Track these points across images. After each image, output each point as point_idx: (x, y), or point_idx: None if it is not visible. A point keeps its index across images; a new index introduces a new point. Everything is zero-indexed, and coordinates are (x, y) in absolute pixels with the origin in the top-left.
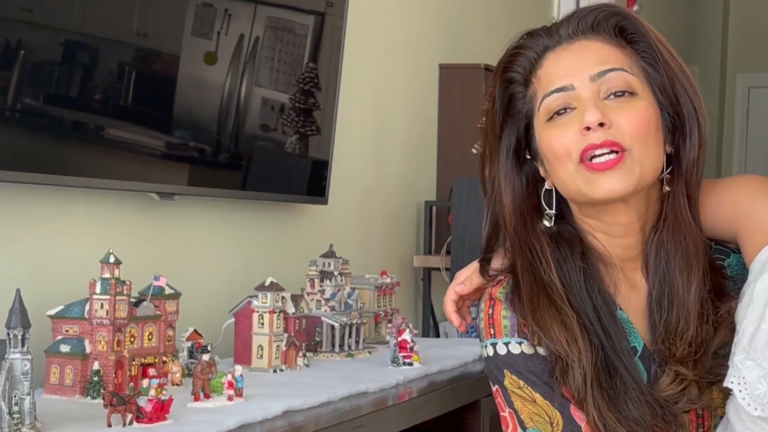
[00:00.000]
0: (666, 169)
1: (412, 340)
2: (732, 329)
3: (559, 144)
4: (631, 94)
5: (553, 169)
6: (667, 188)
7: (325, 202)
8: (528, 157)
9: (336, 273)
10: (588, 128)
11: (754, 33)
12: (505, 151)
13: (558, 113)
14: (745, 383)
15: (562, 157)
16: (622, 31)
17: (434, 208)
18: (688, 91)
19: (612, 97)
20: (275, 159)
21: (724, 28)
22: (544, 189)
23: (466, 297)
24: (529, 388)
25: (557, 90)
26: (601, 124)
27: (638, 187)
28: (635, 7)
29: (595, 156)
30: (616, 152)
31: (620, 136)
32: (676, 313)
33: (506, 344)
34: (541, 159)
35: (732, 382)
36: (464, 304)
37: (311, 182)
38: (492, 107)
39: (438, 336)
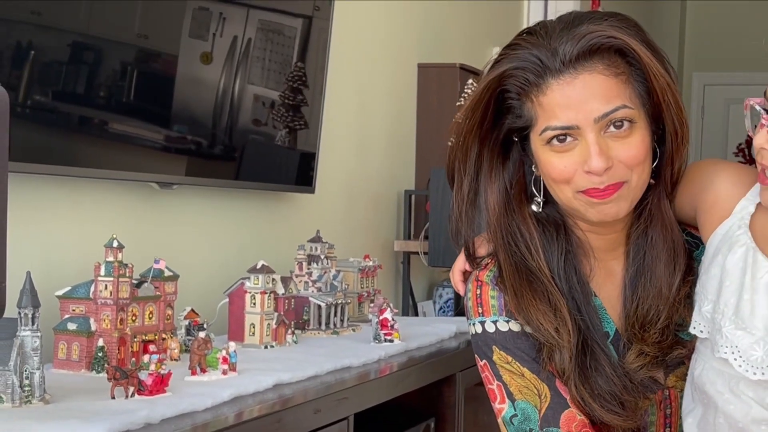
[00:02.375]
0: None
1: (393, 319)
2: (688, 307)
3: (560, 174)
4: (630, 123)
5: (550, 185)
6: (651, 181)
7: (313, 191)
8: (515, 139)
9: (322, 256)
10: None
11: (708, 35)
12: (492, 145)
13: (558, 138)
14: (739, 352)
15: (561, 183)
16: (622, 54)
17: (413, 197)
18: (672, 107)
19: (612, 128)
20: (266, 151)
21: (681, 30)
22: (533, 176)
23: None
24: (517, 363)
25: (563, 128)
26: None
27: (631, 208)
28: (599, 8)
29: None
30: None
31: (620, 173)
32: (651, 302)
33: (494, 322)
34: (535, 162)
35: (725, 353)
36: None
37: (299, 173)
38: (479, 109)
39: (417, 315)
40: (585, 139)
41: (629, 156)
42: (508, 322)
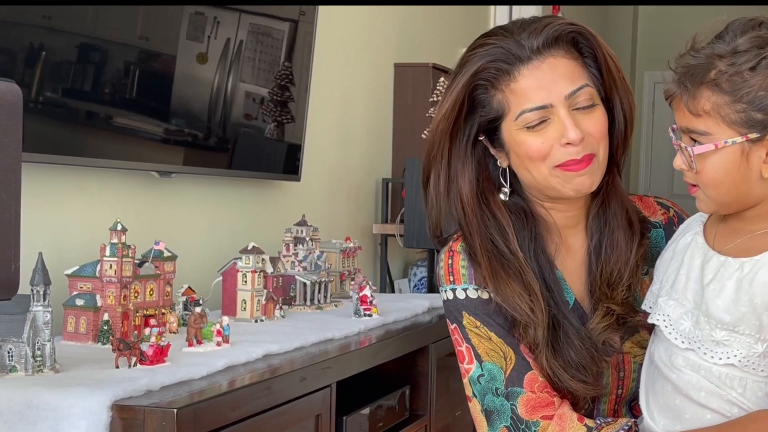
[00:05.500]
0: None
1: (372, 295)
2: (642, 283)
3: (538, 151)
4: (592, 105)
5: (524, 165)
6: None
7: (299, 179)
8: (480, 137)
9: (307, 239)
10: (569, 143)
11: (659, 36)
12: (464, 141)
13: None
14: (669, 320)
15: (537, 160)
16: (576, 44)
17: (390, 184)
18: (621, 92)
19: (579, 108)
20: (256, 143)
21: (634, 31)
22: (501, 169)
23: None
24: (485, 327)
25: (538, 108)
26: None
27: (599, 182)
28: (559, 14)
29: (572, 163)
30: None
31: (591, 145)
32: (613, 265)
33: (464, 290)
34: (507, 151)
35: (657, 320)
36: None
37: (287, 162)
38: (453, 108)
39: (393, 292)
40: (557, 116)
41: (597, 128)
42: (477, 290)
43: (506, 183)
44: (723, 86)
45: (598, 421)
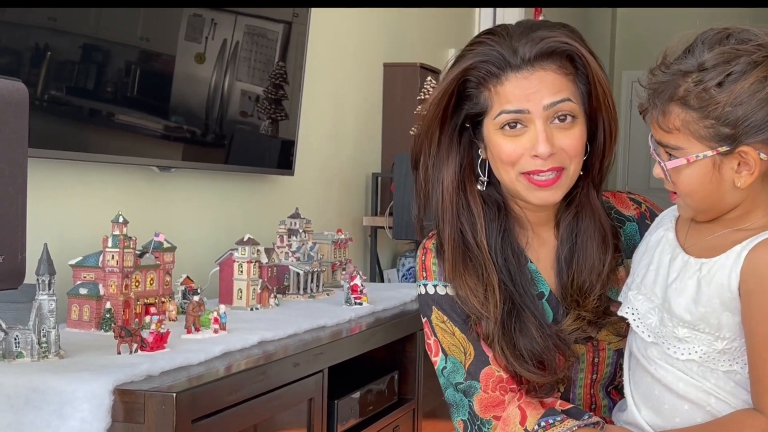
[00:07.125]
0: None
1: (362, 285)
2: (617, 277)
3: (508, 156)
4: (573, 117)
5: (496, 167)
6: (581, 172)
7: (292, 174)
8: (467, 125)
9: (300, 230)
10: (536, 155)
11: (636, 37)
12: (449, 131)
13: (510, 125)
14: (638, 314)
15: (507, 164)
16: (571, 59)
17: (380, 179)
18: (610, 109)
19: (557, 120)
20: (252, 139)
21: (612, 32)
22: (480, 159)
23: None
24: (450, 323)
25: (516, 111)
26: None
27: (564, 194)
28: (540, 17)
29: (537, 173)
30: (556, 171)
31: (561, 159)
32: (585, 276)
33: (435, 286)
34: (485, 145)
35: (626, 313)
36: None
37: (281, 157)
38: (443, 96)
39: (383, 281)
40: (534, 126)
41: (571, 145)
42: (446, 287)
43: (484, 173)
44: (691, 103)
45: (541, 423)
